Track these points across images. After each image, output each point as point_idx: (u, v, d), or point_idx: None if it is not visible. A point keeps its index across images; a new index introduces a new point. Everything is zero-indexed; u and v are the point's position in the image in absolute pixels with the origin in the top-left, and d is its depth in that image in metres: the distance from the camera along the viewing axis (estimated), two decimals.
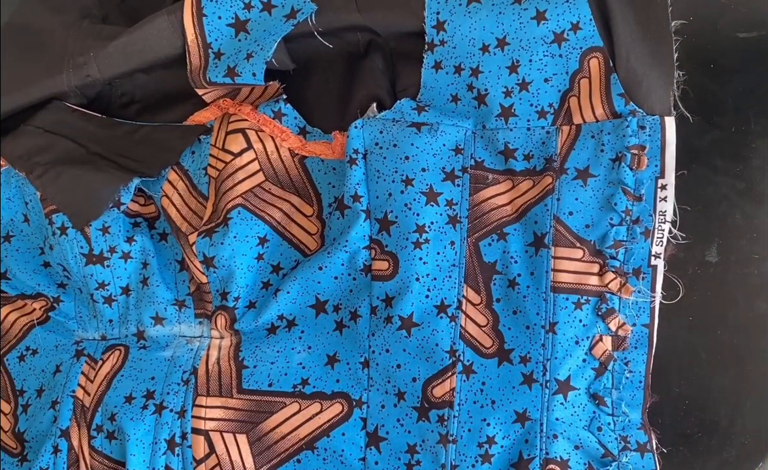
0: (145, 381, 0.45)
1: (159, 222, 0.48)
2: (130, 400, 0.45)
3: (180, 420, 0.44)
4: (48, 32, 0.49)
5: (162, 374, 0.45)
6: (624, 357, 0.41)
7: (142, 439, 0.44)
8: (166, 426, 0.44)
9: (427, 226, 0.42)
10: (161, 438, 0.43)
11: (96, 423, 0.45)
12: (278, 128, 0.45)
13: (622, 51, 0.41)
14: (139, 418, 0.44)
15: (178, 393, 0.44)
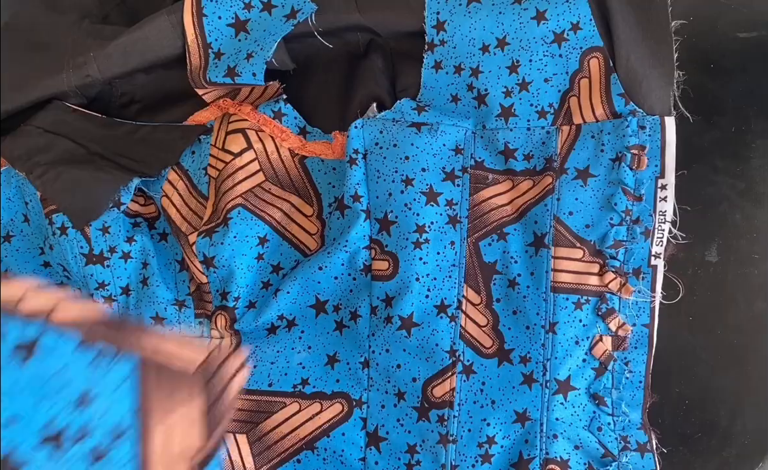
0: None
1: (159, 222, 0.48)
2: None
3: None
4: (48, 32, 0.49)
5: None
6: (624, 357, 0.41)
7: None
8: None
9: (427, 225, 0.42)
10: None
11: None
12: (278, 128, 0.45)
13: (622, 51, 0.41)
14: None
15: None
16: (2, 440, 0.26)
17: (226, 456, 0.42)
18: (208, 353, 0.31)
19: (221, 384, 0.31)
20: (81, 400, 0.28)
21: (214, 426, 0.30)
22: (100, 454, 0.28)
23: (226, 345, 0.32)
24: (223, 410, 0.31)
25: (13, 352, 0.27)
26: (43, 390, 0.27)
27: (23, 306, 0.27)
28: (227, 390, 0.31)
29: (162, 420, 0.29)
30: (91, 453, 0.28)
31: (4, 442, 0.26)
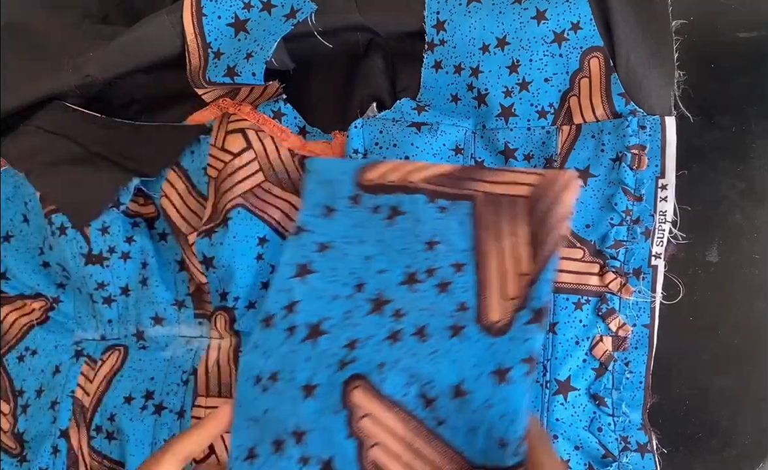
0: (145, 382, 0.45)
1: (158, 222, 0.48)
2: (129, 400, 0.45)
3: (179, 420, 0.44)
4: (48, 32, 0.49)
5: (161, 374, 0.45)
6: (624, 357, 0.41)
7: (142, 440, 0.43)
8: (166, 427, 0.44)
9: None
10: (161, 438, 0.43)
11: (95, 424, 0.45)
12: (278, 128, 0.45)
13: (623, 51, 0.41)
14: (138, 419, 0.44)
15: (178, 394, 0.44)
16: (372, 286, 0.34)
17: (226, 457, 0.42)
18: (539, 179, 0.34)
19: (547, 207, 0.33)
20: (429, 244, 0.35)
21: (541, 247, 0.33)
22: (443, 286, 0.34)
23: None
24: (550, 231, 0.32)
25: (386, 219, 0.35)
26: (403, 243, 0.35)
27: (389, 179, 0.36)
28: (553, 213, 0.33)
29: (495, 248, 0.34)
30: (437, 286, 0.34)
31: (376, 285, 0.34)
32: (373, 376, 0.32)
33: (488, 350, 0.31)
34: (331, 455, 0.32)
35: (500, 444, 0.30)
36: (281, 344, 0.34)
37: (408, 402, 0.32)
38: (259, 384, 0.34)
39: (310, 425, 0.32)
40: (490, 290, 0.33)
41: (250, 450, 0.33)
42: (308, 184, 0.38)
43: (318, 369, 0.33)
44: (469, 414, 0.31)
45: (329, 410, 0.32)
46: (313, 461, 0.32)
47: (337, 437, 0.32)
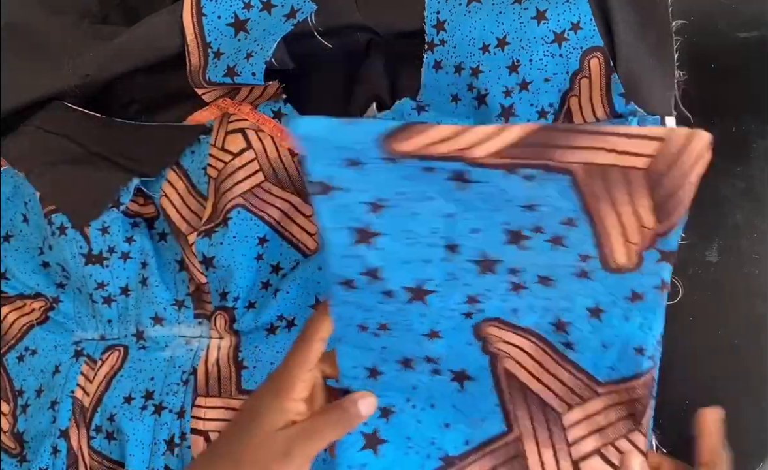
0: (145, 382, 0.45)
1: (158, 222, 0.48)
2: (129, 400, 0.45)
3: (179, 420, 0.44)
4: (48, 32, 0.49)
5: (161, 374, 0.45)
6: None
7: (142, 440, 0.43)
8: (165, 427, 0.44)
9: None
10: (160, 438, 0.43)
11: (95, 424, 0.45)
12: (278, 128, 0.45)
13: (623, 51, 0.41)
14: (138, 419, 0.44)
15: (178, 394, 0.44)
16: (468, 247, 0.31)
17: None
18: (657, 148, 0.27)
19: (676, 183, 0.28)
20: (527, 207, 0.30)
21: (667, 215, 0.29)
22: (557, 240, 0.31)
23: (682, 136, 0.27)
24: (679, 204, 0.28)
25: (451, 180, 0.29)
26: (491, 204, 0.30)
27: (436, 150, 0.28)
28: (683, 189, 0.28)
29: (608, 210, 0.29)
30: (549, 241, 0.31)
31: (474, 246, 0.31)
32: (507, 316, 0.33)
33: (620, 282, 0.31)
34: (464, 367, 0.34)
35: (637, 352, 0.32)
36: (381, 303, 0.32)
37: (540, 328, 0.34)
38: (365, 332, 0.33)
39: (441, 354, 0.34)
40: (612, 238, 0.30)
41: (370, 370, 0.34)
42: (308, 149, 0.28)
43: (438, 321, 0.33)
44: (604, 331, 0.33)
45: (461, 342, 0.34)
46: (444, 372, 0.34)
47: (471, 356, 0.34)
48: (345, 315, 0.33)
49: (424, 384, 0.35)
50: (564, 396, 0.34)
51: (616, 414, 0.33)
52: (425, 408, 0.35)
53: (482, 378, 0.35)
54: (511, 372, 0.34)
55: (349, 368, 0.34)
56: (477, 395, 0.35)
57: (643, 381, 0.33)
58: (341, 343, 0.34)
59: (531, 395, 0.34)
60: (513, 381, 0.34)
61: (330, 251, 0.30)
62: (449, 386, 0.35)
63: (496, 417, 0.35)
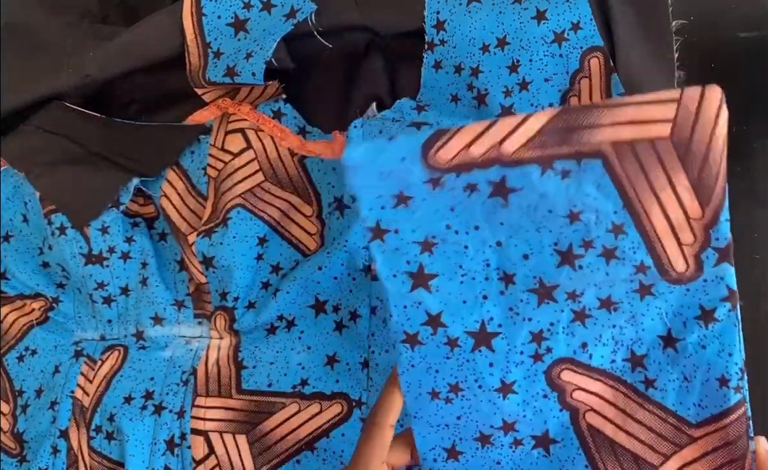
0: (145, 382, 0.45)
1: (158, 222, 0.48)
2: (129, 401, 0.45)
3: (179, 420, 0.44)
4: (48, 32, 0.49)
5: (161, 374, 0.45)
6: None
7: (142, 440, 0.43)
8: (165, 427, 0.44)
9: None
10: (160, 438, 0.43)
11: (95, 424, 0.45)
12: (278, 128, 0.45)
13: (623, 51, 0.41)
14: (138, 419, 0.44)
15: (178, 394, 0.44)
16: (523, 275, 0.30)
17: (225, 457, 0.42)
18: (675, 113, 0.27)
19: (703, 144, 0.27)
20: (571, 217, 0.29)
21: (708, 190, 0.28)
22: (609, 253, 0.29)
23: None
24: (715, 170, 0.27)
25: (491, 198, 0.28)
26: (535, 221, 0.29)
27: (473, 155, 0.28)
28: (711, 148, 0.27)
29: (653, 201, 0.28)
30: (602, 256, 0.29)
31: (528, 273, 0.30)
32: (578, 355, 0.32)
33: (686, 297, 0.30)
34: (545, 429, 0.32)
35: (721, 384, 0.31)
36: (446, 358, 0.31)
37: (616, 368, 0.32)
38: (437, 398, 0.32)
39: (518, 415, 0.32)
40: (664, 242, 0.29)
41: (449, 451, 0.33)
42: (356, 182, 0.28)
43: (508, 369, 0.32)
44: (683, 362, 0.31)
45: (537, 396, 0.32)
46: (526, 440, 0.33)
47: (550, 414, 0.32)
48: (414, 383, 0.31)
49: (507, 457, 0.33)
50: (656, 446, 0.32)
51: (715, 460, 0.31)
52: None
53: (567, 439, 0.33)
54: (595, 428, 0.32)
55: (428, 451, 0.32)
56: (564, 459, 0.33)
57: (734, 418, 0.31)
58: (416, 421, 0.32)
59: (621, 450, 0.32)
60: (599, 438, 0.32)
61: (391, 303, 0.30)
62: (533, 455, 0.33)
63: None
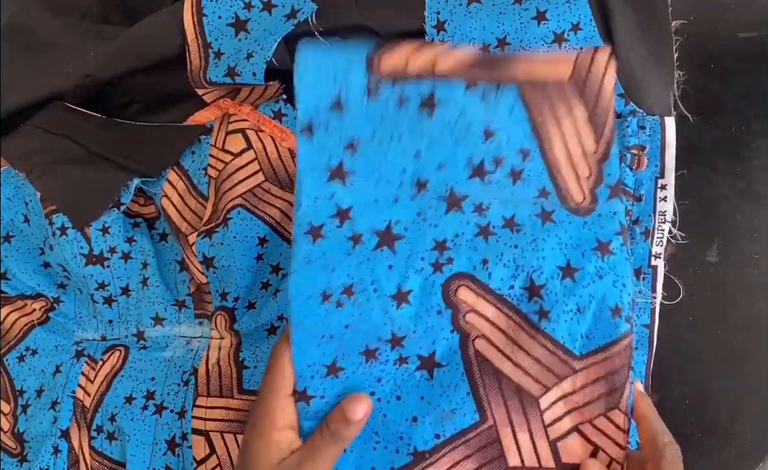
0: (146, 382, 0.45)
1: (159, 222, 0.48)
2: (130, 401, 0.45)
3: (180, 420, 0.44)
4: (48, 32, 0.49)
5: (162, 374, 0.45)
6: None
7: (143, 440, 0.43)
8: (166, 427, 0.44)
9: None
10: (161, 438, 0.43)
11: (96, 424, 0.45)
12: (278, 128, 0.45)
13: (622, 51, 0.41)
14: (139, 419, 0.44)
15: (178, 394, 0.44)
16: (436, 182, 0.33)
17: (227, 457, 0.42)
18: (574, 60, 0.33)
19: (595, 86, 0.33)
20: (485, 134, 0.33)
21: (601, 126, 0.33)
22: (516, 174, 0.33)
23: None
24: (605, 108, 0.33)
25: (419, 111, 0.32)
26: (454, 135, 0.33)
27: (410, 68, 0.32)
28: (602, 89, 0.33)
29: (555, 132, 0.33)
30: (509, 175, 0.33)
31: (441, 181, 0.33)
32: (478, 272, 0.33)
33: (583, 229, 0.33)
34: (433, 350, 0.33)
35: (614, 313, 0.32)
36: (347, 255, 0.32)
37: (513, 295, 0.33)
38: (328, 301, 0.32)
39: (408, 329, 0.33)
40: (564, 172, 0.33)
41: (329, 367, 0.33)
42: (302, 77, 0.32)
43: (407, 275, 0.32)
44: (579, 292, 0.33)
45: (431, 311, 0.33)
46: (411, 359, 0.33)
47: (441, 334, 0.33)
48: (306, 283, 0.31)
49: (389, 375, 0.33)
50: (540, 377, 0.33)
51: (594, 391, 0.32)
52: (391, 401, 0.33)
53: (452, 364, 0.33)
54: (483, 356, 0.33)
55: (305, 367, 0.32)
56: (447, 384, 0.33)
57: (620, 347, 0.32)
58: (298, 330, 0.32)
59: (505, 380, 0.33)
60: (485, 366, 0.33)
61: (303, 194, 0.32)
62: (416, 376, 0.33)
63: (467, 407, 0.33)
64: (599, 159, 0.33)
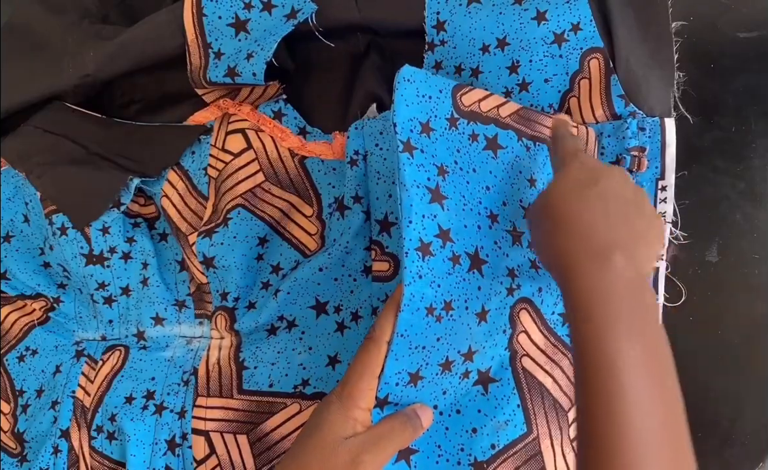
0: (146, 382, 0.45)
1: (159, 222, 0.48)
2: (130, 401, 0.45)
3: (180, 420, 0.44)
4: (48, 32, 0.49)
5: (162, 374, 0.45)
6: None
7: (143, 440, 0.43)
8: (167, 427, 0.44)
9: None
10: (161, 438, 0.43)
11: (96, 424, 0.45)
12: (278, 128, 0.45)
13: (622, 52, 0.41)
14: (139, 419, 0.44)
15: (178, 394, 0.44)
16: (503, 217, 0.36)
17: (226, 457, 0.42)
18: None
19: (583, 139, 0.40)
20: (530, 182, 0.38)
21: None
22: None
23: None
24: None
25: (485, 150, 0.37)
26: (511, 178, 0.37)
27: (483, 106, 0.38)
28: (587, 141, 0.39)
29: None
30: None
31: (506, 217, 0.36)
32: (535, 298, 0.37)
33: None
34: (489, 365, 0.36)
35: None
36: (448, 273, 0.34)
37: (553, 320, 0.37)
38: (431, 315, 0.33)
39: (480, 345, 0.35)
40: None
41: (412, 375, 0.35)
42: (404, 94, 0.35)
43: (489, 297, 0.35)
44: None
45: (498, 330, 0.36)
46: (473, 373, 0.36)
47: (497, 350, 0.36)
48: (416, 296, 0.33)
49: (452, 388, 0.36)
50: (569, 392, 0.36)
51: None
52: (452, 414, 0.36)
53: (504, 379, 0.36)
54: (529, 372, 0.36)
55: (393, 374, 0.34)
56: (500, 398, 0.36)
57: None
58: (399, 341, 0.33)
59: (546, 393, 0.36)
60: (532, 381, 0.36)
61: (411, 211, 0.33)
62: (473, 391, 0.36)
63: (518, 419, 0.36)
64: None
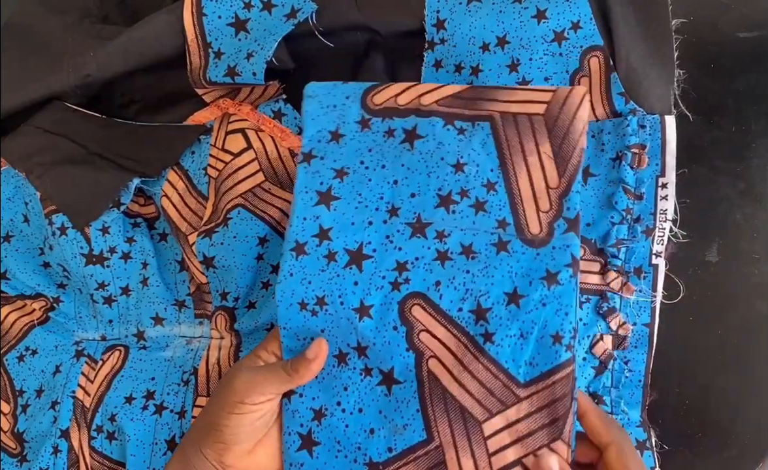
0: (145, 382, 0.45)
1: (159, 222, 0.48)
2: (130, 401, 0.45)
3: (180, 420, 0.44)
4: (48, 32, 0.49)
5: (162, 374, 0.45)
6: (624, 356, 0.41)
7: (143, 440, 0.43)
8: (166, 427, 0.44)
9: None
10: (161, 438, 0.43)
11: (96, 424, 0.45)
12: (278, 128, 0.45)
13: (623, 50, 0.41)
14: (139, 419, 0.44)
15: (178, 394, 0.44)
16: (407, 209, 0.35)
17: None
18: (550, 96, 0.36)
19: (566, 123, 0.35)
20: (456, 167, 0.36)
21: (565, 161, 0.35)
22: (479, 205, 0.35)
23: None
24: (573, 144, 0.35)
25: (402, 143, 0.37)
26: (428, 166, 0.36)
27: (400, 101, 0.37)
28: (572, 127, 0.35)
29: (521, 165, 0.35)
30: (473, 206, 0.35)
31: (411, 209, 0.35)
32: (431, 293, 0.34)
33: (535, 260, 0.33)
34: (391, 366, 0.35)
35: (555, 340, 0.32)
36: (321, 270, 0.35)
37: (462, 317, 0.34)
38: (305, 309, 0.35)
39: (369, 341, 0.35)
40: (525, 205, 0.35)
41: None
42: (308, 110, 0.38)
43: (369, 291, 0.35)
44: (522, 317, 0.33)
45: (388, 326, 0.35)
46: (374, 372, 0.35)
47: (397, 350, 0.35)
48: (287, 292, 0.35)
49: (355, 385, 0.35)
50: (484, 401, 0.33)
51: (537, 421, 0.33)
52: (354, 412, 0.35)
53: (408, 381, 0.35)
54: (434, 376, 0.34)
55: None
56: (401, 400, 0.35)
57: (561, 375, 0.32)
58: (285, 332, 0.35)
59: (451, 401, 0.34)
60: (435, 386, 0.34)
61: (294, 214, 0.36)
62: (377, 391, 0.35)
63: (416, 424, 0.35)
64: (560, 193, 0.34)
